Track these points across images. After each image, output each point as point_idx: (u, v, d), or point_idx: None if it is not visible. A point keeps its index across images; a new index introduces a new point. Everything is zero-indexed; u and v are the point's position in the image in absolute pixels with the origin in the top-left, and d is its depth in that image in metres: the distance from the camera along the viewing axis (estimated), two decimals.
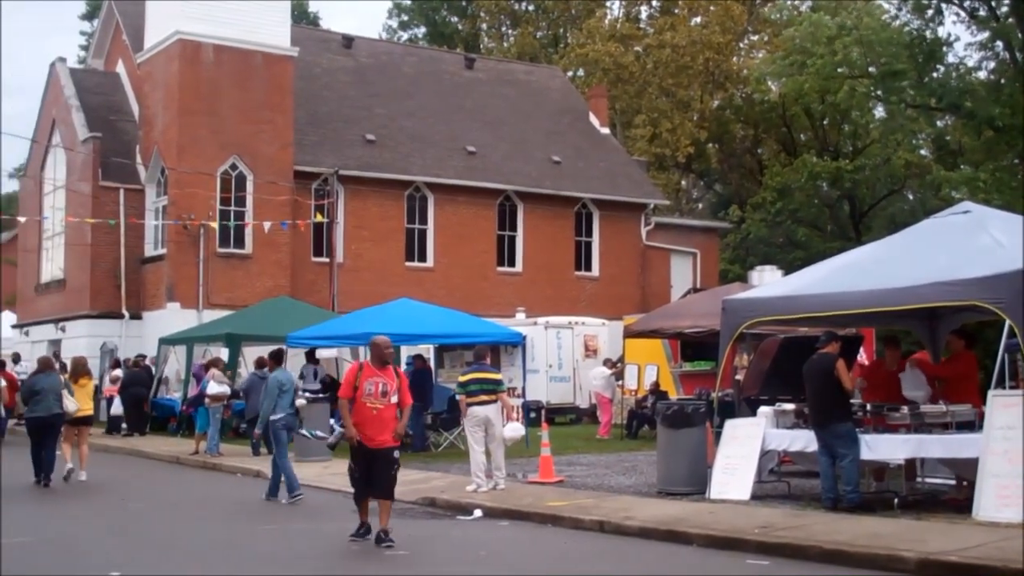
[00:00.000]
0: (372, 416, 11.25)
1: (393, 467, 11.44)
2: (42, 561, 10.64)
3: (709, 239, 43.81)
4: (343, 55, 39.47)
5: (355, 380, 11.38)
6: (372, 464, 11.32)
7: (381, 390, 11.31)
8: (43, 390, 17.36)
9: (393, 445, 11.44)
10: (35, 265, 37.65)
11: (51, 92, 36.73)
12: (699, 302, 23.37)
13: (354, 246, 34.47)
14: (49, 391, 17.38)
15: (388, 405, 11.34)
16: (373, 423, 11.24)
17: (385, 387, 11.35)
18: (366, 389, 11.27)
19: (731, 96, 53.02)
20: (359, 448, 11.28)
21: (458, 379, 15.60)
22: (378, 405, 11.28)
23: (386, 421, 11.31)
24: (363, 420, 11.24)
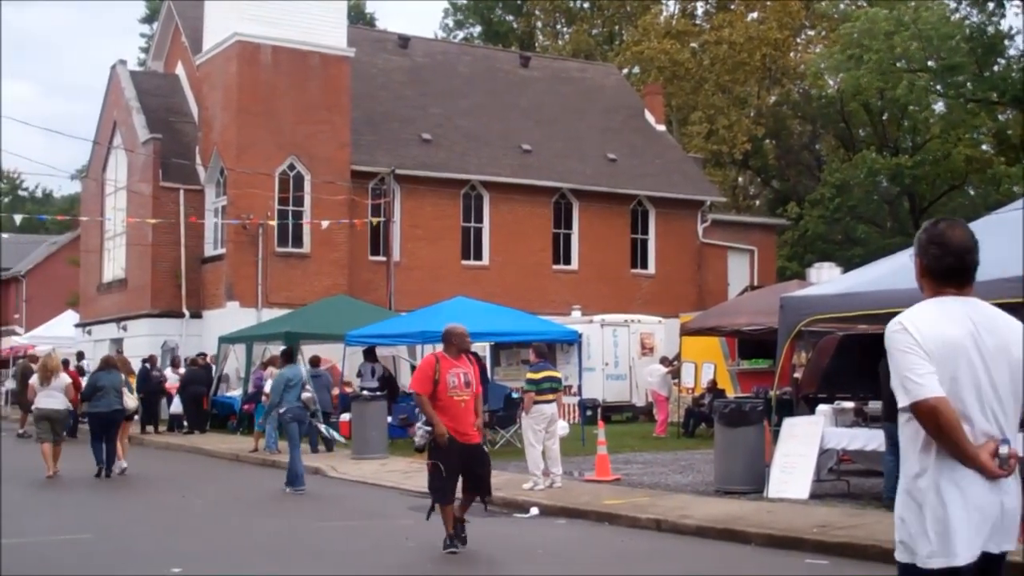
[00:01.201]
0: (461, 409, 10.63)
1: (488, 460, 11.07)
2: (102, 557, 10.79)
3: (766, 236, 43.51)
4: (399, 55, 39.65)
5: (434, 373, 10.63)
6: (468, 462, 10.68)
7: (464, 380, 10.71)
8: (105, 387, 18.16)
9: (481, 440, 11.13)
10: (97, 265, 38.18)
11: (112, 94, 37.22)
12: (756, 299, 23.22)
13: (410, 245, 34.62)
14: (110, 388, 18.17)
15: (472, 396, 10.82)
16: (463, 416, 10.64)
17: (467, 377, 10.77)
18: (449, 382, 10.59)
19: (788, 92, 52.65)
20: (452, 447, 10.51)
21: (528, 376, 15.54)
22: (464, 397, 10.68)
23: (472, 412, 10.80)
24: (453, 415, 10.56)
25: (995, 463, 3.99)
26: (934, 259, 4.27)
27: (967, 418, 4.02)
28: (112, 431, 18.30)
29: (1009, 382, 4.11)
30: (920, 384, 3.99)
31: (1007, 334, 4.17)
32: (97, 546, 11.40)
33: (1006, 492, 4.07)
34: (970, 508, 4.00)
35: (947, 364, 4.02)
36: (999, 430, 4.06)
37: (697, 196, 40.19)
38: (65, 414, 18.93)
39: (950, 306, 4.19)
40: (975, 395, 4.05)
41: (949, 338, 4.07)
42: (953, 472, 4.01)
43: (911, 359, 4.04)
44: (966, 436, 3.99)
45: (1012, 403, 4.12)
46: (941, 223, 4.34)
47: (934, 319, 4.13)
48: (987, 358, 4.08)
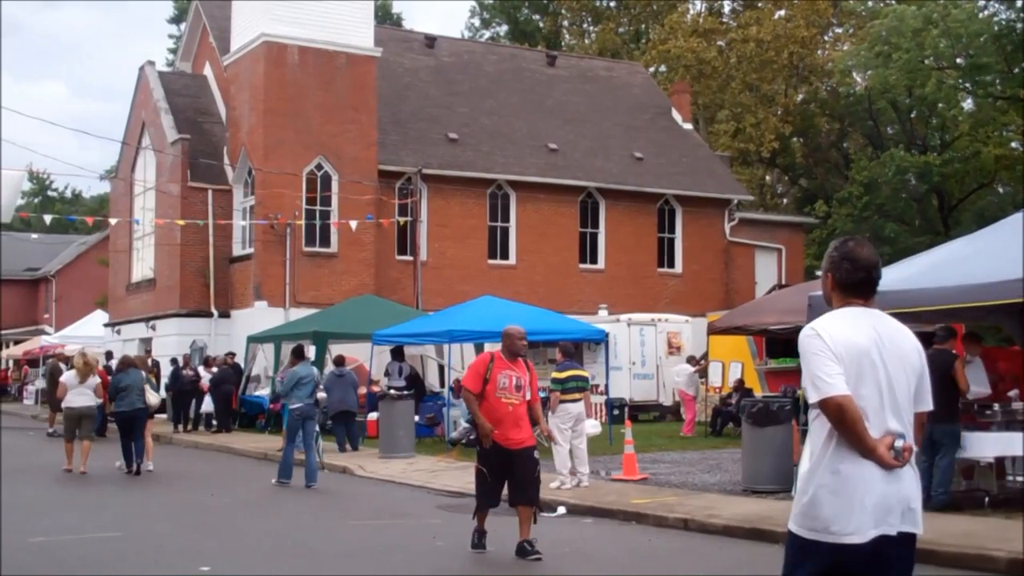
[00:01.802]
0: (508, 412, 10.31)
1: (536, 468, 10.55)
2: (133, 555, 10.87)
3: (794, 235, 43.35)
4: (426, 54, 39.74)
5: (485, 372, 10.38)
6: (511, 466, 10.36)
7: (515, 384, 10.39)
8: (128, 386, 18.56)
9: (532, 444, 10.60)
10: (126, 265, 38.44)
11: (140, 95, 37.46)
12: (784, 298, 23.09)
13: (437, 244, 34.69)
14: (133, 387, 18.60)
15: (522, 402, 10.45)
16: (509, 420, 10.31)
17: (519, 381, 10.44)
18: (499, 383, 10.31)
19: (816, 90, 52.41)
20: (494, 449, 10.28)
21: (554, 375, 15.57)
22: (513, 401, 10.36)
23: (521, 418, 10.41)
24: (498, 417, 10.28)
25: (891, 455, 4.50)
26: (847, 273, 4.81)
27: (868, 415, 4.52)
28: (136, 429, 18.77)
29: (906, 385, 4.64)
30: (829, 383, 4.47)
31: (904, 343, 4.73)
32: (128, 544, 11.48)
33: (902, 481, 4.56)
34: (867, 494, 4.48)
35: (853, 366, 4.52)
36: (896, 426, 4.56)
37: (724, 195, 40.10)
38: (95, 411, 19.36)
39: (857, 316, 4.72)
40: (877, 395, 4.55)
41: (856, 344, 4.56)
42: (854, 462, 4.51)
43: (822, 361, 4.53)
44: (867, 431, 4.49)
45: (908, 403, 4.64)
46: (850, 242, 4.90)
47: (843, 327, 4.64)
48: (888, 363, 4.60)
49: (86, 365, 19.05)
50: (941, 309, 13.20)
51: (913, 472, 4.63)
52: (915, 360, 4.73)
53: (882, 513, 4.51)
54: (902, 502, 4.57)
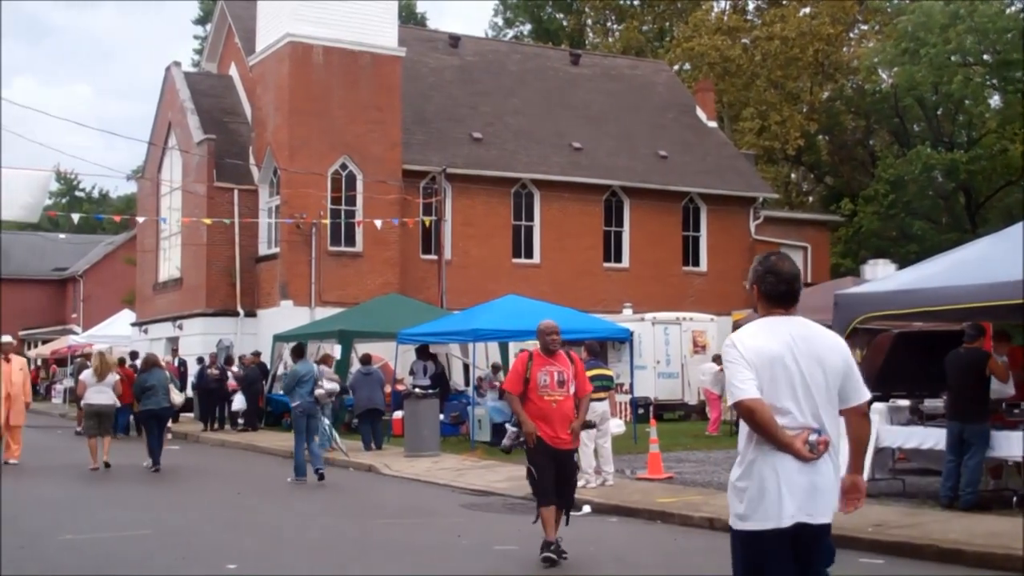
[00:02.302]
0: (553, 410, 9.95)
1: (575, 472, 10.43)
2: (162, 553, 10.94)
3: (820, 233, 43.19)
4: (449, 54, 39.79)
5: (525, 371, 10.04)
6: (557, 466, 10.05)
7: (558, 379, 10.01)
8: (154, 386, 19.09)
9: (575, 447, 10.42)
10: (153, 265, 38.65)
11: (167, 96, 37.65)
12: (810, 297, 22.90)
13: (461, 243, 34.74)
14: (159, 386, 19.13)
15: (567, 396, 10.07)
16: (555, 418, 9.96)
17: (562, 376, 10.04)
18: (540, 380, 9.94)
19: (841, 87, 52.19)
20: (540, 448, 9.94)
21: None
22: (557, 397, 9.99)
23: (567, 415, 10.03)
24: (544, 416, 9.94)
25: (806, 448, 4.96)
26: (770, 286, 5.27)
27: (784, 412, 5.00)
28: (161, 426, 19.47)
29: (823, 385, 5.07)
30: (741, 388, 5.01)
31: (822, 347, 5.15)
32: (157, 542, 11.55)
33: (818, 472, 5.00)
34: (784, 485, 4.97)
35: (766, 371, 5.01)
36: (813, 421, 5.01)
37: (749, 193, 39.99)
38: (113, 409, 19.95)
39: (776, 324, 5.19)
40: (791, 394, 5.02)
41: (767, 350, 5.05)
42: (773, 456, 5.00)
43: (736, 369, 5.05)
44: (779, 428, 4.97)
45: (827, 400, 5.07)
46: (772, 257, 5.42)
47: (759, 336, 5.13)
48: (803, 365, 5.05)
49: (103, 364, 19.68)
50: (969, 307, 13.14)
51: (831, 463, 5.06)
52: (835, 361, 5.15)
53: (800, 502, 4.98)
54: (819, 492, 5.02)
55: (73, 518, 13.50)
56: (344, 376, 24.62)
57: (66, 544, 11.42)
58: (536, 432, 9.89)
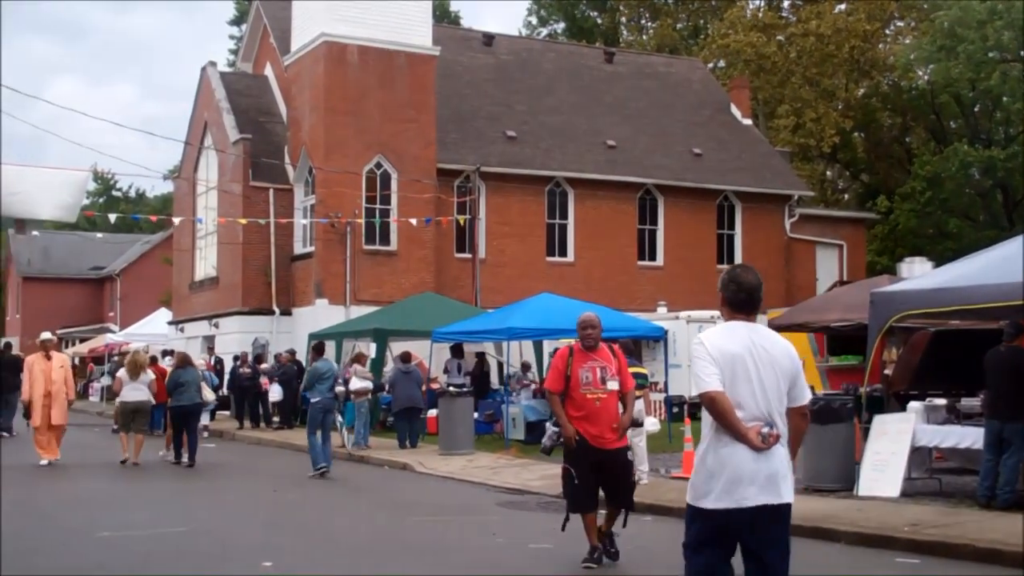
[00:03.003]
0: (596, 409, 9.47)
1: (631, 471, 9.95)
2: (197, 551, 11.03)
3: (856, 230, 42.92)
4: (484, 53, 39.82)
5: (566, 368, 9.61)
6: (603, 469, 9.60)
7: (600, 376, 9.54)
8: (186, 382, 19.69)
9: (624, 445, 9.83)
10: (189, 264, 38.91)
11: (203, 96, 37.87)
12: (846, 295, 22.87)
13: (496, 242, 34.77)
14: (191, 383, 19.78)
15: (611, 393, 9.58)
16: (599, 417, 9.49)
17: (605, 371, 9.57)
18: (582, 377, 9.46)
19: (877, 84, 51.80)
20: (582, 449, 9.52)
21: None
22: (600, 395, 9.51)
23: (612, 413, 9.56)
24: (587, 415, 9.49)
25: (759, 439, 5.63)
26: (732, 294, 5.98)
27: (742, 406, 5.68)
28: (194, 422, 20.10)
29: (776, 385, 5.76)
30: (706, 382, 5.69)
31: (776, 351, 5.84)
32: (192, 540, 11.65)
33: (770, 460, 5.68)
34: (740, 470, 5.64)
35: (728, 369, 5.70)
36: (766, 416, 5.69)
37: (784, 190, 39.80)
38: (148, 406, 20.50)
39: (737, 329, 5.89)
40: (748, 391, 5.70)
41: (731, 351, 5.74)
42: (730, 444, 5.68)
43: (702, 364, 5.75)
44: (738, 419, 5.65)
45: (778, 399, 5.76)
46: (738, 268, 6.15)
47: (723, 338, 5.84)
48: (760, 366, 5.74)
49: (134, 364, 20.20)
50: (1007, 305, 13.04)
51: (783, 452, 5.75)
52: (786, 364, 5.84)
53: (753, 486, 5.65)
54: (771, 477, 5.68)
55: (109, 515, 13.62)
56: (379, 374, 24.74)
57: (103, 541, 11.52)
58: (575, 435, 9.49)
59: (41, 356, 19.55)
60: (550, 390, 9.78)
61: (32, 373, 19.27)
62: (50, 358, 19.60)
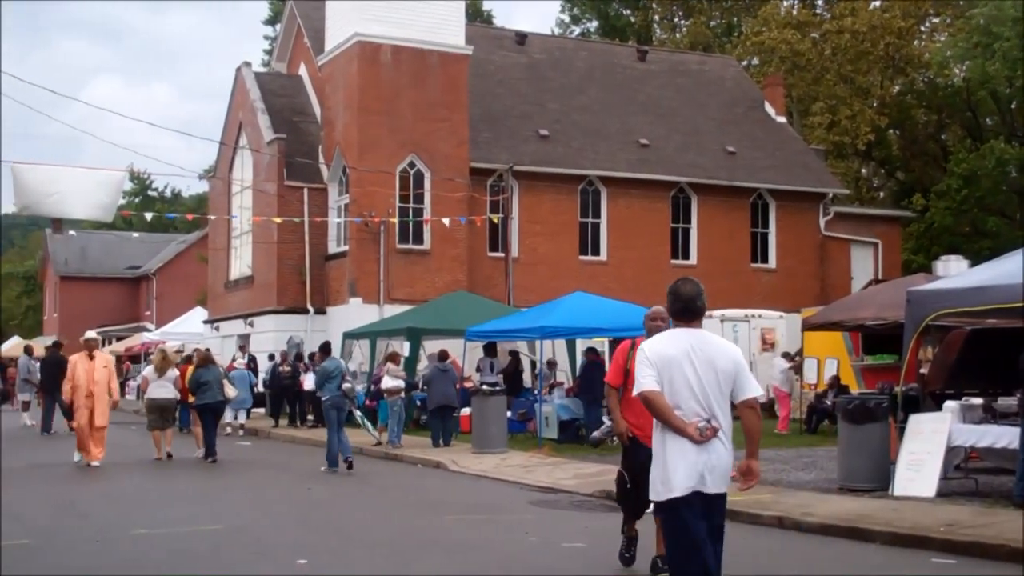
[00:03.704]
0: None
1: None
2: (232, 548, 11.11)
3: (891, 228, 42.63)
4: (516, 52, 39.84)
5: (626, 362, 9.13)
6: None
7: None
8: (208, 381, 20.21)
9: None
10: (224, 263, 39.15)
11: (237, 96, 38.09)
12: (881, 293, 22.77)
13: (529, 241, 34.80)
14: (214, 382, 20.42)
15: None
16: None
17: None
18: None
19: (912, 81, 51.43)
20: (635, 448, 8.99)
21: None
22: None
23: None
24: (640, 411, 8.43)
25: (697, 433, 6.26)
26: (672, 304, 6.68)
27: (681, 404, 6.34)
28: (216, 419, 20.88)
29: (715, 383, 6.39)
30: (642, 382, 6.39)
31: (714, 353, 6.47)
32: (228, 537, 11.73)
33: (711, 452, 6.33)
34: (682, 462, 6.32)
35: (666, 371, 6.36)
36: (704, 412, 6.32)
37: (819, 188, 39.61)
38: (174, 403, 21.13)
39: (678, 334, 6.58)
40: (687, 390, 6.35)
41: (668, 354, 6.41)
42: (673, 439, 6.35)
43: (641, 367, 6.42)
44: (673, 414, 6.30)
45: (718, 395, 6.39)
46: (679, 281, 6.78)
47: (663, 343, 6.51)
48: (698, 367, 6.38)
49: (164, 361, 20.81)
50: None
51: (723, 445, 6.38)
52: (725, 364, 6.46)
53: (696, 475, 6.31)
54: (711, 468, 6.34)
55: (145, 513, 13.75)
56: (412, 373, 24.81)
57: (139, 538, 11.63)
58: (628, 432, 9.11)
59: (84, 356, 19.32)
60: (609, 384, 9.50)
61: (75, 373, 19.02)
62: (93, 358, 19.37)
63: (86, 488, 16.49)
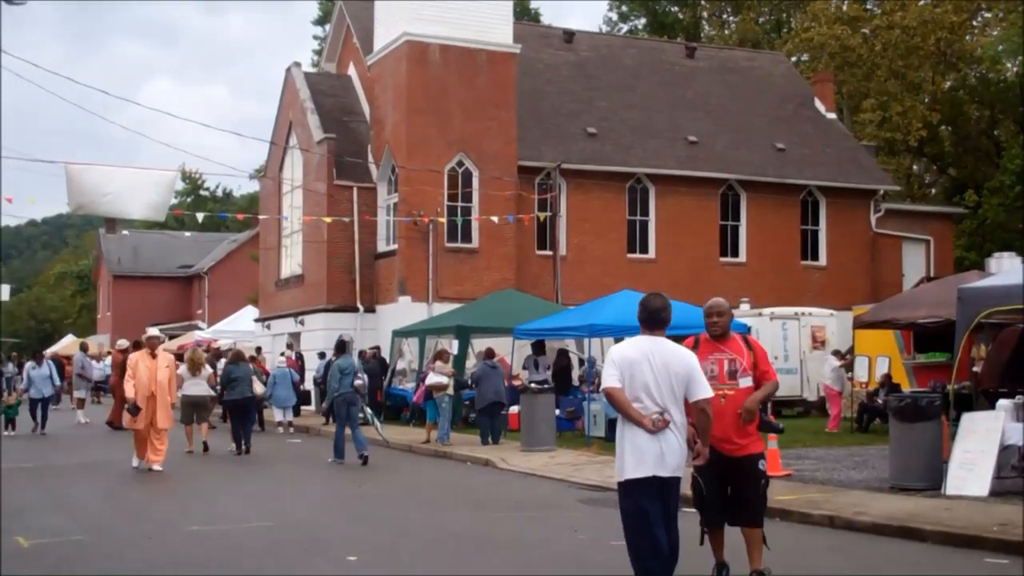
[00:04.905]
0: (720, 407, 8.22)
1: (759, 482, 8.52)
2: (283, 544, 11.21)
3: (943, 225, 42.18)
4: (564, 50, 39.82)
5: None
6: (728, 477, 8.51)
7: (728, 369, 8.49)
8: (238, 378, 21.42)
9: (757, 451, 8.54)
10: (275, 262, 39.46)
11: (287, 96, 38.36)
12: (933, 291, 22.58)
13: (577, 239, 34.79)
14: (243, 378, 21.71)
15: (739, 390, 8.45)
16: (722, 417, 8.25)
17: (733, 365, 8.50)
18: (706, 370, 8.14)
19: (964, 76, 50.88)
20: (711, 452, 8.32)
21: None
22: (727, 391, 8.43)
23: (739, 413, 8.45)
24: (713, 413, 8.15)
25: (651, 424, 7.43)
26: (640, 314, 7.80)
27: (640, 400, 7.52)
28: (247, 414, 21.87)
29: (668, 383, 7.55)
30: (606, 381, 7.65)
31: (670, 357, 7.61)
32: (279, 533, 11.85)
33: (664, 441, 7.48)
34: (638, 449, 7.51)
35: (627, 371, 7.56)
36: (659, 407, 7.49)
37: (870, 185, 39.27)
38: (206, 399, 21.73)
39: (642, 341, 7.74)
40: (644, 389, 7.53)
41: (630, 357, 7.60)
42: (631, 429, 7.57)
43: (608, 368, 7.67)
44: (631, 408, 7.51)
45: (670, 394, 7.55)
46: (649, 295, 7.93)
47: (627, 348, 7.73)
48: (655, 369, 7.54)
49: (195, 360, 21.48)
50: None
51: (675, 436, 7.52)
52: (679, 368, 7.59)
53: (651, 462, 7.46)
54: (664, 455, 7.47)
55: (197, 509, 13.92)
56: (461, 371, 24.90)
57: (192, 535, 11.79)
58: (694, 437, 8.33)
59: (146, 354, 18.32)
60: None
61: (136, 372, 17.95)
62: (155, 356, 18.35)
63: (139, 485, 16.71)
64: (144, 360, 18.17)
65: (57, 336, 76.64)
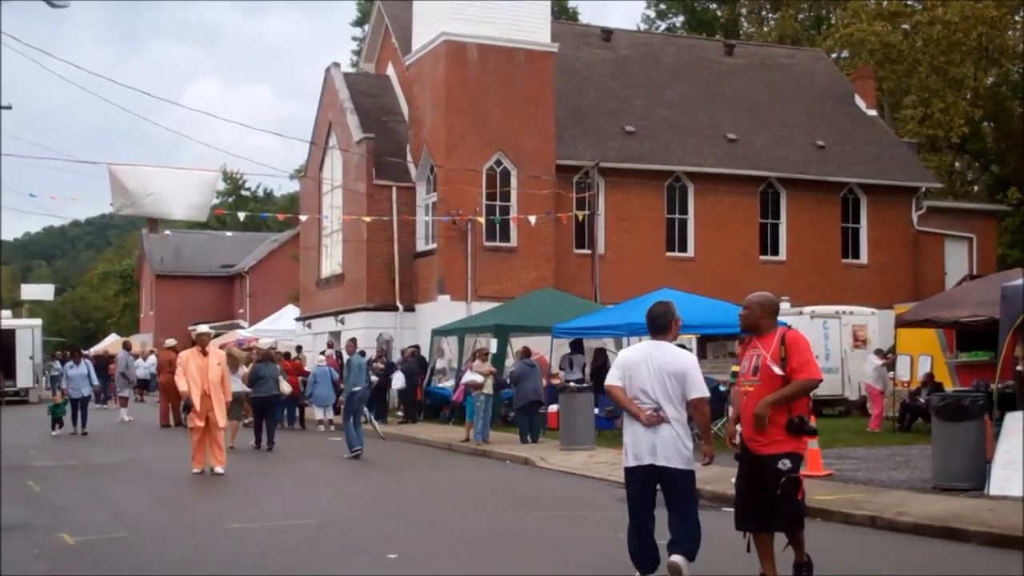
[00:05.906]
0: (743, 404, 8.29)
1: (776, 482, 8.05)
2: (323, 542, 11.28)
3: (986, 223, 41.77)
4: (602, 48, 39.77)
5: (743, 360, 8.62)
6: (759, 478, 8.21)
7: (754, 365, 8.24)
8: (265, 376, 22.11)
9: (781, 451, 8.08)
10: (316, 261, 39.68)
11: (327, 96, 38.55)
12: (976, 289, 22.35)
13: (615, 237, 34.74)
14: (269, 377, 22.30)
15: (760, 387, 8.15)
16: (745, 414, 8.25)
17: (759, 360, 8.21)
18: (741, 368, 8.39)
19: (1007, 72, 50.34)
20: (742, 454, 8.37)
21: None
22: (747, 388, 8.27)
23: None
24: (740, 410, 8.42)
25: (647, 418, 8.22)
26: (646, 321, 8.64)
27: (639, 396, 8.32)
28: (272, 411, 22.62)
29: (664, 382, 8.28)
30: (608, 380, 8.60)
31: (666, 359, 8.34)
32: (319, 531, 11.92)
33: (657, 434, 8.25)
34: (637, 441, 8.36)
35: (628, 371, 8.44)
36: (655, 403, 8.26)
37: (911, 182, 38.96)
38: (241, 396, 21.99)
39: (643, 345, 8.69)
40: (641, 387, 8.33)
41: (631, 359, 8.50)
42: (631, 423, 8.45)
43: (612, 369, 8.64)
44: (631, 404, 8.34)
45: (666, 391, 8.27)
46: (653, 303, 8.74)
47: (629, 350, 8.77)
48: (651, 369, 8.31)
49: (232, 358, 21.55)
50: None
51: (670, 429, 8.23)
52: (674, 368, 8.30)
53: (647, 452, 8.28)
54: (657, 446, 8.25)
55: (238, 507, 14.02)
56: (501, 370, 24.91)
57: (234, 532, 11.88)
58: (734, 438, 8.61)
59: (197, 352, 17.70)
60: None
61: (187, 370, 17.44)
62: (206, 354, 17.69)
63: (181, 483, 16.84)
64: (195, 358, 17.56)
65: (101, 335, 77.43)
